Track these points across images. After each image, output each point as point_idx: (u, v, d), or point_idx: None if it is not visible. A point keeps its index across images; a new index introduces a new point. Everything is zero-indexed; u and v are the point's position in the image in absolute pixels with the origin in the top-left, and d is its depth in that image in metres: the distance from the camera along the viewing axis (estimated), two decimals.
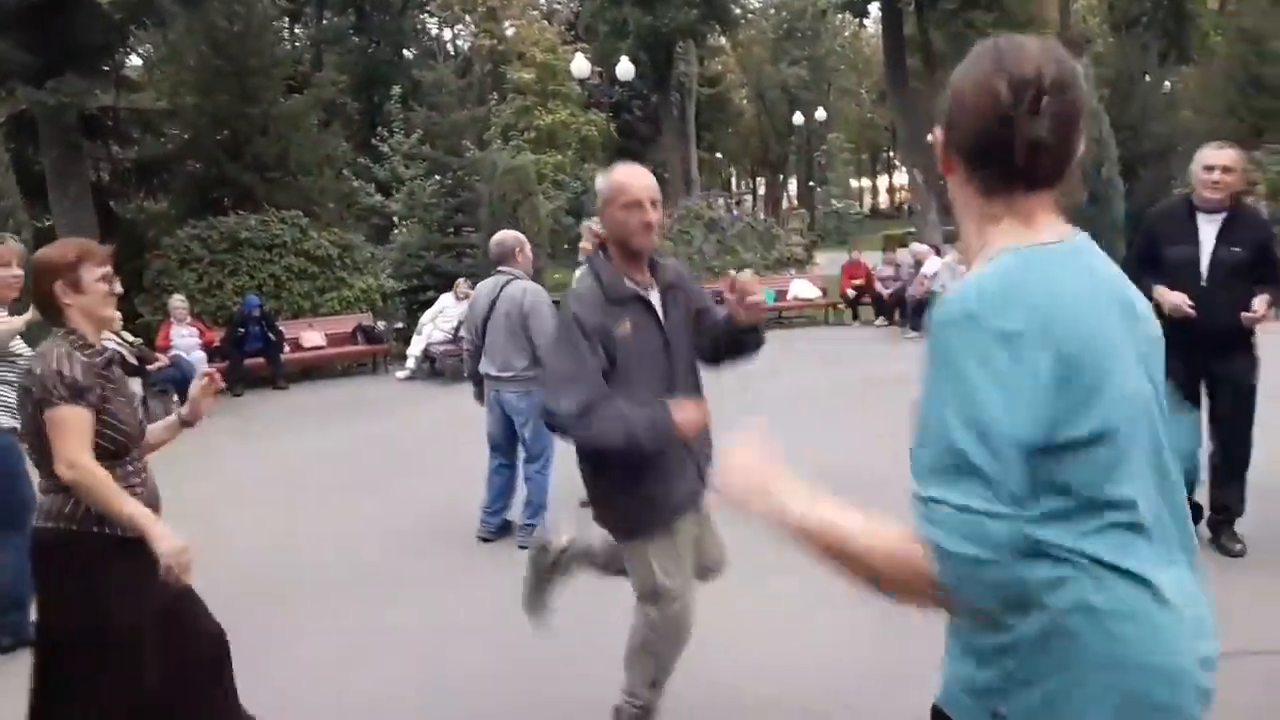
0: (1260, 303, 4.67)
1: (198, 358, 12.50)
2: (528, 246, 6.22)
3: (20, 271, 4.19)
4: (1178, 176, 17.01)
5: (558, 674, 4.08)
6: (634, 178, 3.13)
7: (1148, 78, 28.57)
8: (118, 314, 3.21)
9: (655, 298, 3.17)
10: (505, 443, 6.08)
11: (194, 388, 3.39)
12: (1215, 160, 4.82)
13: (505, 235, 6.27)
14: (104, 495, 2.83)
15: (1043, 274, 1.42)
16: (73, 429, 2.84)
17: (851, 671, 3.91)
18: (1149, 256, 5.01)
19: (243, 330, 13.42)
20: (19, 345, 4.49)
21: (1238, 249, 4.77)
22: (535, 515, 5.95)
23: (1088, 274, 1.48)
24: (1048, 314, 1.37)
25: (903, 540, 1.39)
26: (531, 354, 5.75)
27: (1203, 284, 4.79)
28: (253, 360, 13.45)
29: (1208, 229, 4.85)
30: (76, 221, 15.33)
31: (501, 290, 5.94)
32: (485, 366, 6.00)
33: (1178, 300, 4.76)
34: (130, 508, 2.83)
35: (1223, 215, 4.84)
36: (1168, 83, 31.64)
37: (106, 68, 16.09)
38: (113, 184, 16.37)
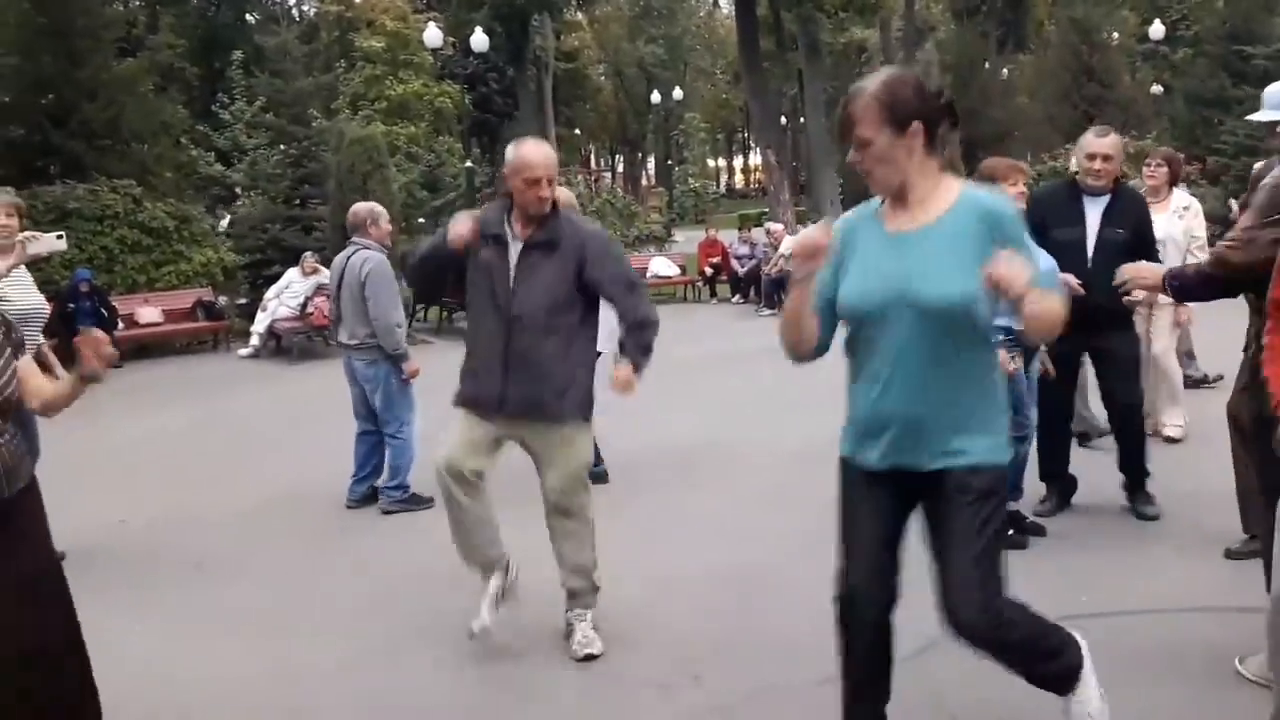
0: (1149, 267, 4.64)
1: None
2: (383, 219, 6.32)
3: (15, 223, 4.39)
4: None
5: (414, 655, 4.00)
6: (536, 155, 3.69)
7: (987, 65, 29.84)
8: None
9: (516, 247, 3.75)
10: (365, 410, 6.15)
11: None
12: (1097, 149, 4.95)
13: (359, 207, 6.42)
14: None
15: None
16: None
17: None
18: (1035, 237, 5.10)
19: (72, 306, 12.65)
20: (9, 291, 4.62)
21: (1121, 230, 4.90)
22: (395, 478, 6.03)
23: None
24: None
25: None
26: (369, 323, 5.96)
27: (1088, 265, 4.88)
28: None
29: (1093, 211, 4.98)
30: None
31: (347, 261, 6.13)
32: (340, 335, 6.20)
33: (1067, 279, 4.90)
34: None
35: (1106, 198, 4.98)
36: (1005, 70, 33.13)
37: None
38: None
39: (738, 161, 76.34)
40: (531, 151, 3.70)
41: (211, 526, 5.95)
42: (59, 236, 4.85)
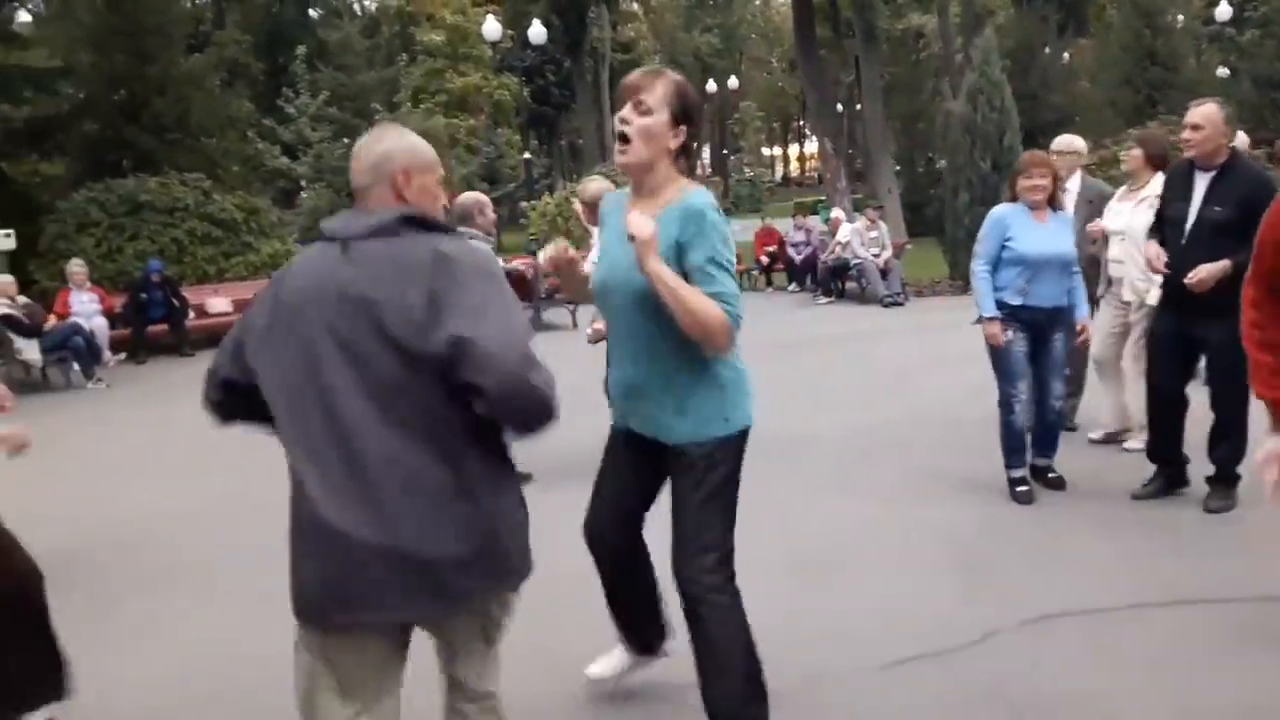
0: (1209, 269, 4.51)
1: (99, 324, 12.13)
2: (489, 208, 6.38)
3: None
4: None
5: None
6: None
7: (1047, 50, 29.32)
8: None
9: None
10: None
11: None
12: (1187, 118, 4.77)
13: (465, 197, 6.47)
14: None
15: None
16: None
17: None
18: (1159, 214, 5.05)
19: (145, 296, 13.02)
20: None
21: (1220, 208, 4.63)
22: None
23: None
24: None
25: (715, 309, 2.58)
26: None
27: (1182, 242, 4.73)
28: (156, 327, 13.07)
29: (1200, 186, 4.75)
30: None
31: None
32: None
33: (1151, 255, 4.84)
34: None
35: (1212, 173, 4.73)
36: (1066, 54, 32.53)
37: None
38: (4, 145, 15.68)
39: (793, 150, 75.81)
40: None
41: (276, 511, 6.12)
42: (6, 235, 4.77)
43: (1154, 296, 5.26)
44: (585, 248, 8.54)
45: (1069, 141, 6.44)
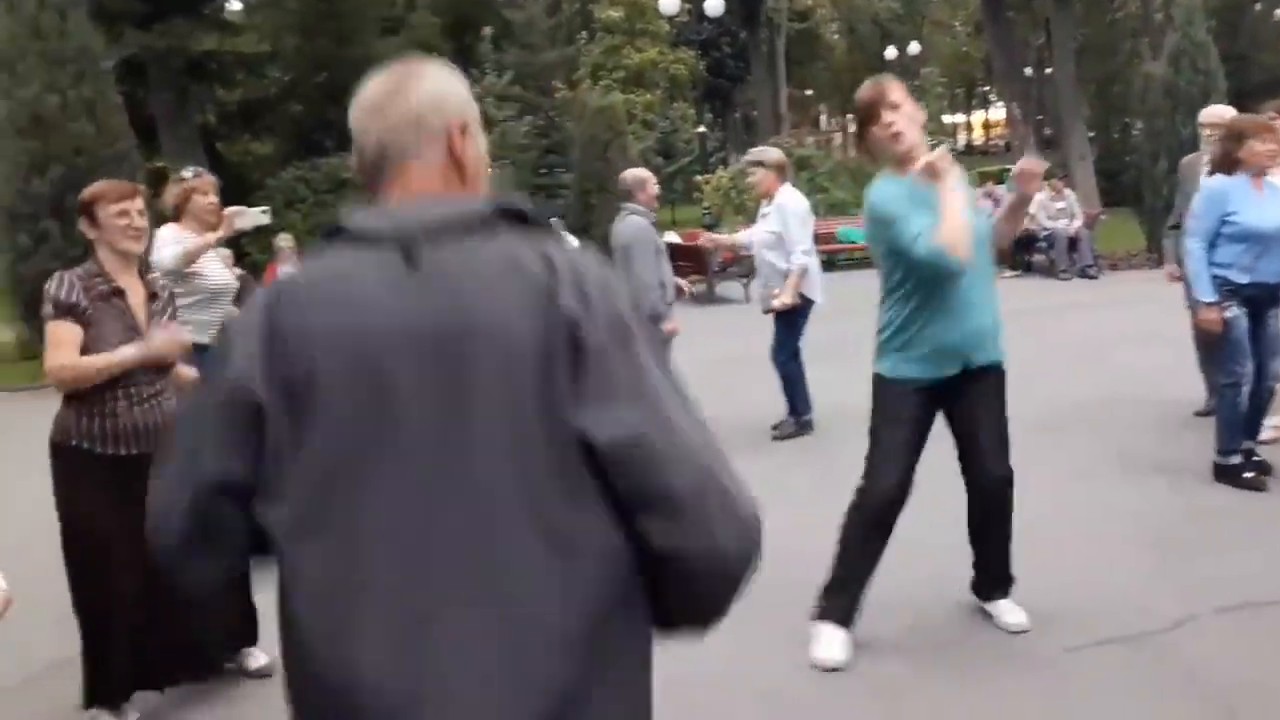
0: None
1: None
2: (650, 183, 6.55)
3: (217, 199, 4.50)
4: None
5: None
6: None
7: (1258, 6, 27.28)
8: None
9: None
10: None
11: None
12: None
13: (627, 173, 6.68)
14: (79, 375, 3.14)
15: None
16: (54, 339, 3.16)
17: None
18: None
19: None
20: (207, 266, 4.82)
21: None
22: None
23: None
24: None
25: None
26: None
27: None
28: None
29: None
30: (185, 163, 15.88)
31: (616, 226, 6.40)
32: None
33: None
34: (102, 360, 3.13)
35: None
36: (1278, 12, 30.19)
37: (208, 11, 16.56)
38: (219, 126, 16.92)
39: (978, 117, 73.08)
40: None
41: None
42: (264, 211, 4.94)
43: None
44: (751, 221, 8.59)
45: (1219, 113, 6.05)
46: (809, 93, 56.32)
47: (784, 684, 3.37)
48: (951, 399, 3.44)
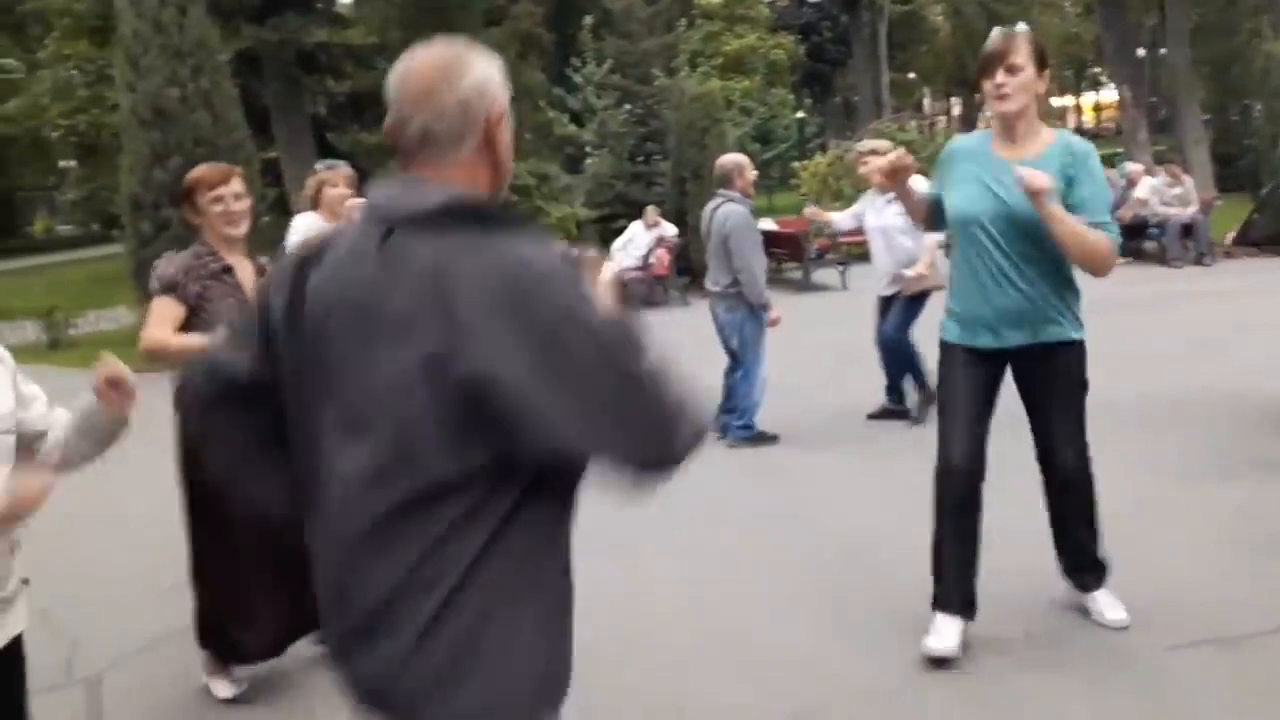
0: None
1: None
2: (748, 170, 6.57)
3: (349, 191, 4.75)
4: None
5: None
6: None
7: None
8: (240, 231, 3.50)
9: None
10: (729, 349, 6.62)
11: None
12: None
13: (724, 159, 6.71)
14: (165, 353, 3.29)
15: None
16: (153, 313, 3.37)
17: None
18: None
19: None
20: None
21: None
22: (741, 417, 6.45)
23: None
24: None
25: (1099, 236, 3.14)
26: (732, 272, 6.24)
27: None
28: None
29: None
30: (297, 153, 16.50)
31: (714, 213, 6.42)
32: (706, 282, 6.62)
33: None
34: (185, 344, 3.24)
35: None
36: None
37: (319, 5, 17.05)
38: (329, 117, 17.42)
39: (1087, 99, 70.81)
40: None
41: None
42: None
43: None
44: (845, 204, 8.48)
45: None
46: (912, 76, 55.25)
47: (880, 678, 3.41)
48: (1018, 379, 3.42)
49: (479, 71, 1.55)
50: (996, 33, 3.23)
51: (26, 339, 15.13)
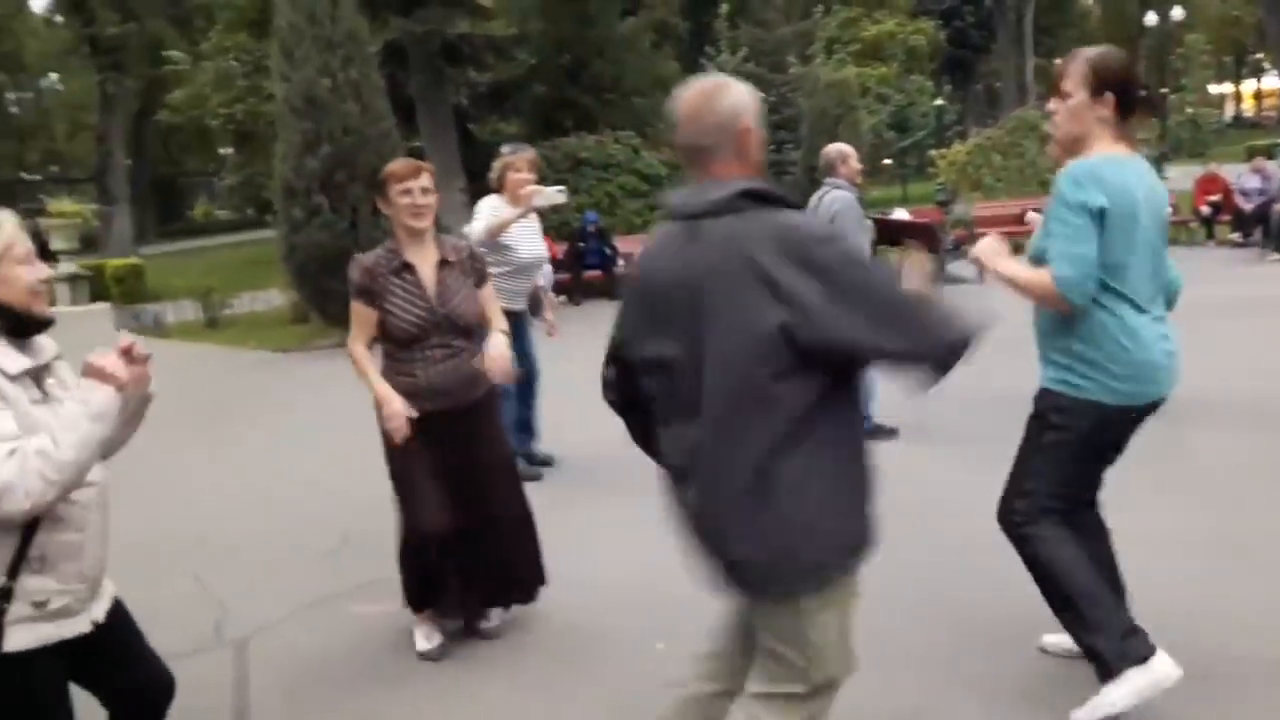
0: None
1: (546, 271, 13.60)
2: (852, 158, 6.49)
3: (531, 175, 4.90)
4: None
5: None
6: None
7: None
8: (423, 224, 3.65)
9: None
10: None
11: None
12: None
13: (829, 148, 6.64)
14: (358, 370, 3.58)
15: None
16: (352, 318, 3.63)
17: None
18: None
19: (582, 245, 14.42)
20: (520, 239, 5.17)
21: None
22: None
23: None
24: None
25: (1029, 277, 2.84)
26: None
27: None
28: (591, 273, 14.44)
29: None
30: (440, 142, 16.96)
31: (820, 201, 6.36)
32: None
33: None
34: (369, 380, 3.54)
35: None
36: None
37: None
38: (471, 107, 17.85)
39: (1247, 86, 66.99)
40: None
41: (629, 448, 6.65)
42: (560, 190, 5.17)
43: None
44: (989, 197, 8.23)
45: None
46: (1058, 62, 53.16)
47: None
48: None
49: (731, 96, 2.05)
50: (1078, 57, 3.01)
51: (185, 317, 16.01)
